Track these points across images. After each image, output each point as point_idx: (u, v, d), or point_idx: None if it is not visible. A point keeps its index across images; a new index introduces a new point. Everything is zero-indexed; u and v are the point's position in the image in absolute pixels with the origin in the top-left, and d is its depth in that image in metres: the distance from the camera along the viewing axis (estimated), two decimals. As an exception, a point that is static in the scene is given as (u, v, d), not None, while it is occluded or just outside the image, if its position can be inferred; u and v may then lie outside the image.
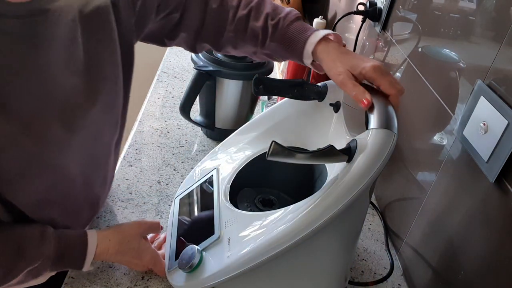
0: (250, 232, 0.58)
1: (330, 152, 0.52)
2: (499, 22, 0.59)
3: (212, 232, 0.62)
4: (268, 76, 0.79)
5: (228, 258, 0.57)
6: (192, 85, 0.98)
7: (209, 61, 1.00)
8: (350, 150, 0.54)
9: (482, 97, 0.58)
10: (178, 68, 1.43)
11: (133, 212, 0.83)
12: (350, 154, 0.53)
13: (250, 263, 0.54)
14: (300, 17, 0.72)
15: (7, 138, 0.50)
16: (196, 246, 0.61)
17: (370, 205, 0.96)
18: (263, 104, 1.26)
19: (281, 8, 0.73)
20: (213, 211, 0.66)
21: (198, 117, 1.09)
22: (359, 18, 1.19)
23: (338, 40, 0.68)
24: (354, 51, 1.22)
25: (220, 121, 1.07)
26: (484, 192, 0.58)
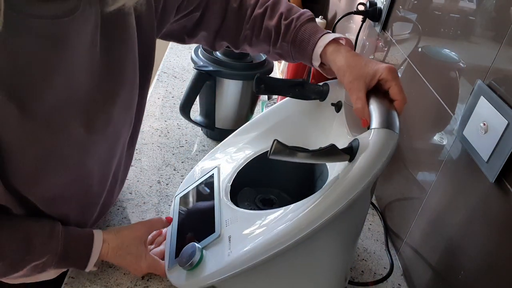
0: (251, 231, 0.58)
1: (332, 151, 0.52)
2: (499, 22, 0.59)
3: (213, 230, 0.62)
4: (270, 76, 0.79)
5: (229, 256, 0.57)
6: (192, 85, 0.98)
7: (209, 61, 1.00)
8: (352, 150, 0.53)
9: (482, 97, 0.58)
10: (178, 68, 1.43)
11: (133, 212, 0.83)
12: (352, 154, 0.53)
13: (251, 262, 0.54)
14: (314, 19, 0.72)
15: (28, 135, 0.51)
16: (197, 244, 0.61)
17: (370, 205, 0.96)
18: (263, 104, 1.26)
19: (296, 9, 0.73)
20: (214, 210, 0.66)
21: (198, 117, 1.09)
22: (359, 18, 1.19)
23: (349, 45, 0.67)
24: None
25: (220, 121, 1.07)
26: (484, 192, 0.58)
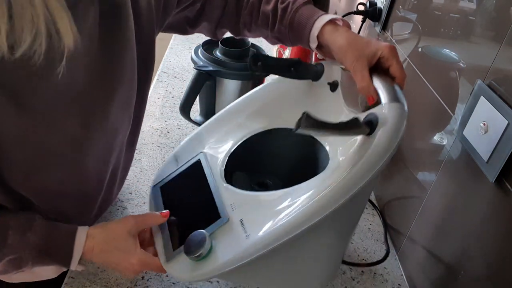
0: (267, 212, 0.55)
1: (356, 124, 0.52)
2: (499, 22, 0.59)
3: (217, 216, 0.59)
4: (265, 54, 0.77)
5: (248, 239, 0.53)
6: (192, 85, 0.98)
7: (209, 61, 1.00)
8: (372, 123, 0.53)
9: (482, 97, 0.58)
10: (178, 68, 1.43)
11: (133, 212, 0.83)
12: (372, 127, 0.53)
13: (277, 242, 0.51)
14: (310, 1, 0.71)
15: (22, 131, 0.51)
16: (204, 231, 0.57)
17: (370, 205, 0.97)
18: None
19: None
20: (212, 195, 0.62)
21: (198, 117, 1.09)
22: (359, 18, 1.19)
23: (346, 25, 0.67)
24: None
25: (220, 121, 1.06)
26: (484, 192, 0.58)
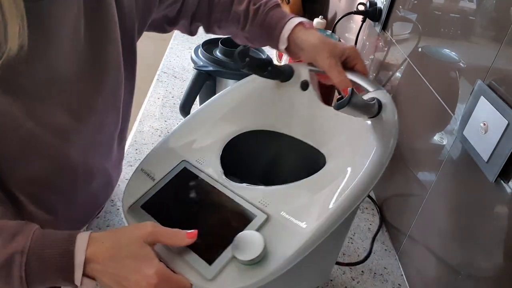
0: (306, 199, 0.54)
1: (378, 104, 0.59)
2: (499, 22, 0.59)
3: (250, 216, 0.54)
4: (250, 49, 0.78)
5: (307, 228, 0.51)
6: (192, 85, 0.98)
7: (209, 61, 1.00)
8: (380, 106, 0.59)
9: (482, 97, 0.58)
10: (178, 68, 1.43)
11: (133, 212, 0.83)
12: (380, 109, 0.59)
13: (338, 222, 0.51)
14: (280, 5, 0.77)
15: (11, 120, 0.51)
16: (252, 231, 0.52)
17: (370, 205, 0.97)
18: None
19: None
20: (227, 199, 0.57)
21: (198, 117, 1.08)
22: (359, 18, 1.19)
23: (313, 27, 0.74)
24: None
25: (220, 121, 1.06)
26: (484, 192, 0.58)
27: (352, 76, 0.67)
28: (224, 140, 0.66)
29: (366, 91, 0.65)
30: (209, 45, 1.07)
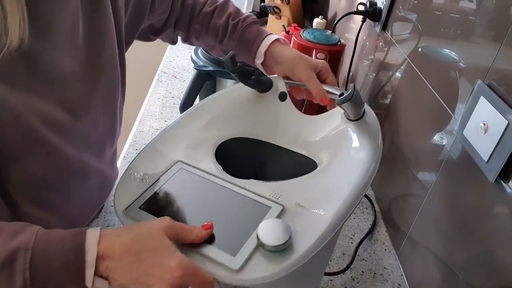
0: (317, 190, 0.56)
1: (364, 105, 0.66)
2: (499, 22, 0.59)
3: (265, 208, 0.54)
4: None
5: (324, 215, 0.52)
6: (192, 85, 0.98)
7: (209, 61, 1.00)
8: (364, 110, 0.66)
9: (482, 97, 0.58)
10: (178, 68, 1.43)
11: (133, 212, 0.83)
12: (364, 113, 0.66)
13: (353, 207, 0.54)
14: (258, 22, 0.82)
15: (11, 113, 0.51)
16: (276, 219, 0.52)
17: (370, 205, 0.97)
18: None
19: (242, 12, 0.84)
20: (236, 194, 0.57)
21: (198, 117, 1.08)
22: (359, 18, 1.19)
23: (288, 44, 0.80)
24: (354, 51, 1.22)
25: (220, 121, 1.06)
26: (484, 192, 0.58)
27: (327, 87, 0.72)
28: (215, 143, 0.68)
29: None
30: (209, 45, 1.07)
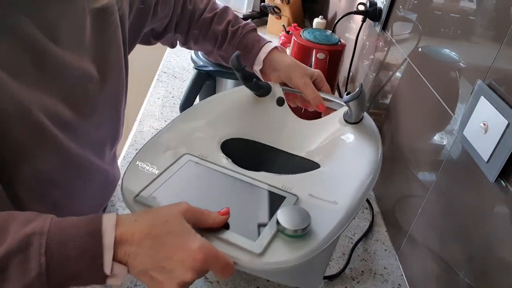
0: (327, 182, 0.59)
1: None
2: (499, 22, 0.59)
3: (280, 198, 0.55)
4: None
5: (338, 205, 0.54)
6: (192, 85, 0.98)
7: (209, 61, 1.00)
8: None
9: (482, 97, 0.58)
10: (178, 68, 1.43)
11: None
12: (362, 116, 0.68)
13: (365, 197, 0.57)
14: (256, 29, 0.84)
15: (21, 108, 0.52)
16: (295, 205, 0.53)
17: (370, 205, 0.97)
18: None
19: (241, 19, 0.85)
20: (249, 185, 0.58)
21: (198, 117, 1.08)
22: (359, 18, 1.19)
23: (285, 52, 0.82)
24: (354, 51, 1.22)
25: (220, 121, 1.06)
26: (484, 192, 0.58)
27: (323, 95, 0.74)
28: (219, 140, 0.68)
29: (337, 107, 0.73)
30: (209, 45, 1.07)
